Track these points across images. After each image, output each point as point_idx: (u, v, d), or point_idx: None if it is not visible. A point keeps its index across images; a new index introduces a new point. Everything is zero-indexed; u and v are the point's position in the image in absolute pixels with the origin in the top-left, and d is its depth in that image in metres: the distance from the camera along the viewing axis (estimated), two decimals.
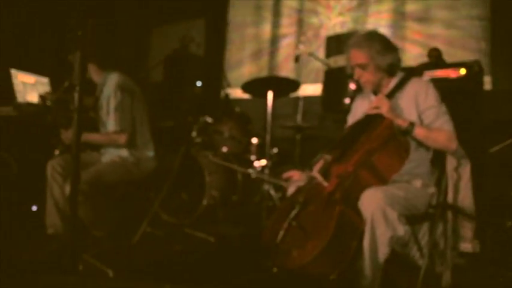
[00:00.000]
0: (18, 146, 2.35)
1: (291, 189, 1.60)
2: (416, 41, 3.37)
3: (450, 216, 1.45)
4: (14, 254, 1.81)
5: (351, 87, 2.56)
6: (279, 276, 1.39)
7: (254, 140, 2.81)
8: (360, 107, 1.72)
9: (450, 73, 2.09)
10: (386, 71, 1.57)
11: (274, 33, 4.11)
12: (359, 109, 1.72)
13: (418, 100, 1.54)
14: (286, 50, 4.02)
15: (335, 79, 2.78)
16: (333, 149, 1.53)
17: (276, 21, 4.10)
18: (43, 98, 2.14)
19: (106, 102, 2.07)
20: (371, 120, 1.52)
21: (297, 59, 2.85)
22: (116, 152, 2.12)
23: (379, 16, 3.54)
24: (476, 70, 2.05)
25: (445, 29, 3.23)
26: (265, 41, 4.15)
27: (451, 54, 3.06)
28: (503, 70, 3.02)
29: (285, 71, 3.94)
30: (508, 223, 1.63)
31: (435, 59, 1.75)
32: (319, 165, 1.55)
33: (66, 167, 1.97)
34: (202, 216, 2.51)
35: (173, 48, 4.07)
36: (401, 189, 1.44)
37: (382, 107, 1.49)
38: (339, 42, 3.35)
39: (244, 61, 4.28)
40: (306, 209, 1.40)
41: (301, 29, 3.92)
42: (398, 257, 1.46)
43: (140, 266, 1.82)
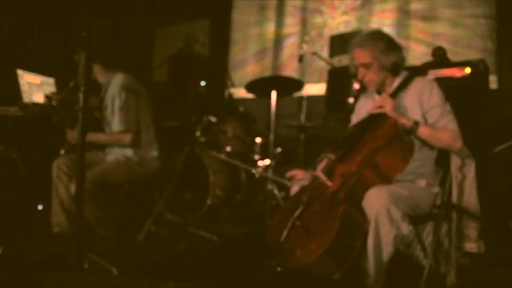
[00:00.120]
0: (24, 145, 2.37)
1: (295, 189, 1.60)
2: (421, 40, 3.34)
3: (454, 216, 1.44)
4: (20, 252, 1.82)
5: (355, 86, 2.56)
6: (282, 275, 1.39)
7: (258, 139, 2.81)
8: (364, 106, 1.72)
9: (455, 72, 2.08)
10: (390, 70, 1.57)
11: (278, 33, 4.10)
12: (363, 108, 1.72)
13: (422, 99, 1.53)
14: (290, 49, 4.01)
15: (339, 78, 2.78)
16: (336, 149, 1.52)
17: (279, 21, 4.10)
18: (49, 98, 2.16)
19: (111, 102, 2.08)
20: (375, 120, 1.51)
21: (301, 59, 2.84)
22: (121, 151, 2.13)
23: (384, 15, 3.52)
24: (481, 69, 2.03)
25: (450, 28, 3.21)
26: (269, 41, 4.15)
27: (456, 53, 3.04)
28: (509, 69, 2.99)
29: (289, 70, 3.94)
30: None
31: (439, 58, 1.73)
32: (322, 165, 1.55)
33: (72, 166, 1.99)
34: (206, 216, 2.51)
35: (177, 48, 4.08)
36: (405, 188, 1.43)
37: (386, 106, 1.48)
38: (342, 42, 3.34)
39: (248, 61, 4.28)
40: (309, 209, 1.39)
41: (305, 29, 3.91)
42: (402, 256, 1.46)
43: (144, 264, 1.83)
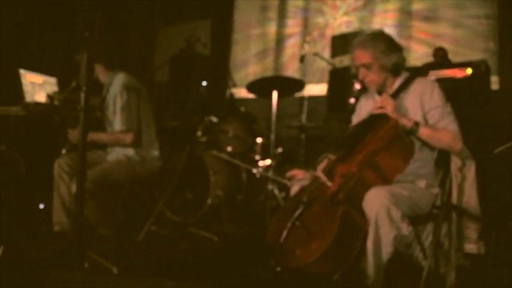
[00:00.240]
0: (26, 144, 2.38)
1: (295, 189, 1.60)
2: (423, 40, 3.33)
3: (454, 217, 1.43)
4: (21, 250, 1.83)
5: (356, 87, 2.56)
6: (282, 275, 1.39)
7: (259, 139, 2.82)
8: (365, 106, 1.72)
9: (456, 73, 2.07)
10: (391, 71, 1.57)
11: (279, 33, 4.10)
12: (363, 109, 1.72)
13: (423, 100, 1.53)
14: (291, 49, 4.01)
15: (340, 79, 2.78)
16: (337, 149, 1.52)
17: (281, 21, 4.10)
18: (51, 97, 2.17)
19: (112, 102, 2.09)
20: (376, 120, 1.51)
21: (302, 59, 2.85)
22: (122, 151, 2.14)
23: (385, 15, 3.52)
24: (482, 70, 2.03)
25: (452, 28, 3.20)
26: (271, 41, 4.15)
27: (458, 53, 3.03)
28: (511, 70, 2.97)
29: (291, 70, 3.94)
30: None
31: (441, 58, 1.73)
32: (323, 165, 1.55)
33: (73, 165, 2.00)
34: (206, 215, 2.52)
35: (179, 48, 4.09)
36: (405, 188, 1.43)
37: (386, 106, 1.48)
38: (344, 42, 3.34)
39: (249, 61, 4.28)
40: (309, 209, 1.39)
41: (306, 29, 3.91)
42: (402, 257, 1.45)
43: (144, 263, 1.84)
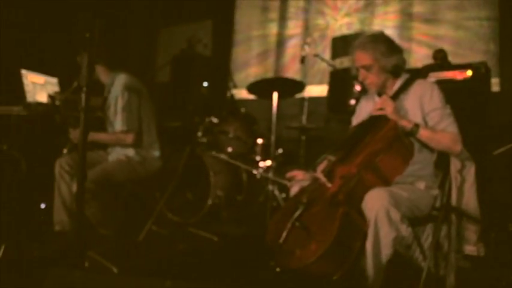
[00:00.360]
0: (28, 144, 2.38)
1: (295, 189, 1.60)
2: (424, 42, 3.33)
3: (454, 218, 1.44)
4: (22, 250, 1.84)
5: (356, 88, 2.57)
6: (281, 275, 1.40)
7: (259, 140, 2.82)
8: (365, 108, 1.72)
9: (456, 74, 2.08)
10: (391, 73, 1.57)
11: (280, 34, 4.11)
12: (363, 110, 1.72)
13: (423, 102, 1.53)
14: (292, 51, 4.01)
15: (341, 80, 2.78)
16: (336, 150, 1.53)
17: (282, 23, 4.10)
18: (52, 97, 2.18)
19: (114, 102, 2.10)
20: (375, 122, 1.52)
21: (303, 60, 2.85)
22: (122, 151, 2.15)
23: (386, 17, 3.52)
24: (482, 71, 2.03)
25: (453, 30, 3.19)
26: (272, 42, 4.15)
27: (458, 55, 3.03)
28: None
29: (291, 72, 3.94)
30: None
31: (440, 60, 1.74)
32: (322, 166, 1.55)
33: (74, 165, 2.01)
34: (206, 216, 2.52)
35: (180, 48, 4.10)
36: (405, 190, 1.44)
37: (386, 108, 1.49)
38: (344, 44, 3.33)
39: (250, 62, 4.28)
40: (309, 210, 1.40)
41: (307, 30, 3.91)
42: (401, 258, 1.46)
43: (145, 263, 1.85)
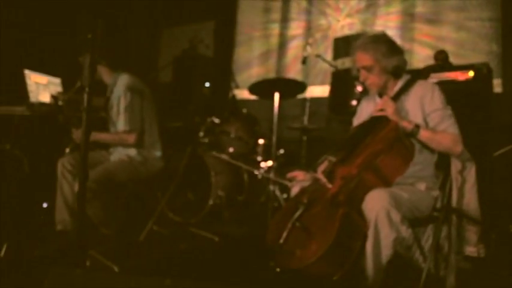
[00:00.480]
0: (30, 144, 2.40)
1: (295, 189, 1.60)
2: (426, 43, 3.32)
3: (454, 219, 1.43)
4: (23, 249, 1.85)
5: (358, 89, 2.57)
6: (281, 276, 1.40)
7: (261, 141, 2.83)
8: (366, 109, 1.73)
9: (458, 75, 2.07)
10: (392, 74, 1.58)
11: (282, 34, 4.11)
12: (364, 111, 1.72)
13: (424, 103, 1.53)
14: (294, 51, 4.02)
15: (342, 81, 2.78)
16: (337, 151, 1.53)
17: (284, 23, 4.11)
18: (55, 98, 2.19)
19: (116, 103, 2.11)
20: (376, 122, 1.52)
21: (304, 61, 2.86)
22: (124, 151, 2.16)
23: (388, 18, 3.51)
24: (484, 72, 2.02)
25: (455, 31, 3.19)
26: (274, 43, 4.15)
27: (461, 56, 3.02)
28: None
29: (293, 72, 3.94)
30: None
31: (442, 61, 1.73)
32: (323, 167, 1.56)
33: (76, 165, 2.02)
34: (207, 216, 2.53)
35: (182, 49, 4.11)
36: (405, 191, 1.44)
37: (387, 109, 1.49)
38: (346, 44, 3.33)
39: (252, 62, 4.29)
40: (309, 210, 1.40)
41: (309, 31, 3.91)
42: (402, 259, 1.45)
43: (145, 263, 1.85)
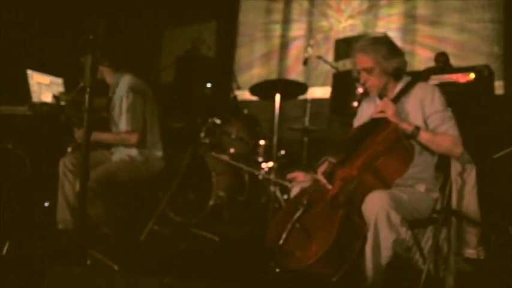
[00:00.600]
0: (33, 143, 2.42)
1: (295, 190, 1.61)
2: (427, 45, 3.33)
3: (454, 221, 1.43)
4: (26, 247, 1.86)
5: (359, 90, 2.57)
6: (281, 276, 1.40)
7: (262, 141, 2.83)
8: (366, 110, 1.73)
9: (459, 77, 2.08)
10: (392, 75, 1.58)
11: (284, 36, 4.12)
12: (365, 112, 1.73)
13: (424, 104, 1.53)
14: (296, 52, 4.03)
15: (344, 82, 2.78)
16: (337, 152, 1.53)
17: (286, 24, 4.12)
18: (57, 98, 2.21)
19: (119, 103, 2.12)
20: (376, 124, 1.52)
21: (305, 62, 2.87)
22: (126, 151, 2.17)
23: (390, 19, 3.52)
24: (485, 74, 2.02)
25: (457, 33, 3.19)
26: (275, 44, 4.17)
27: (463, 58, 3.02)
28: None
29: (295, 73, 3.95)
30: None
31: (442, 63, 1.73)
32: (323, 168, 1.56)
33: (78, 164, 2.03)
34: (208, 216, 2.54)
35: (184, 49, 4.13)
36: (405, 193, 1.44)
37: (387, 111, 1.49)
38: (347, 46, 3.34)
39: (254, 63, 4.30)
40: (309, 211, 1.40)
41: (311, 32, 3.92)
42: (401, 260, 1.46)
43: (146, 262, 1.86)
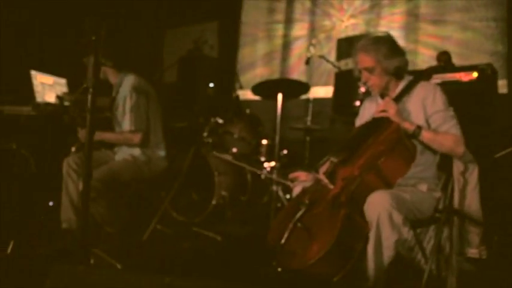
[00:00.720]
0: (37, 143, 2.44)
1: (297, 190, 1.61)
2: (430, 44, 3.31)
3: (456, 221, 1.43)
4: (30, 246, 1.88)
5: (362, 89, 2.56)
6: (283, 275, 1.41)
7: (264, 141, 2.84)
8: (368, 110, 1.73)
9: (462, 76, 2.07)
10: (394, 75, 1.57)
11: (286, 35, 4.12)
12: (367, 112, 1.73)
13: (426, 104, 1.53)
14: (298, 52, 4.02)
15: (346, 81, 2.78)
16: (339, 152, 1.53)
17: (288, 24, 4.11)
18: (60, 98, 2.22)
19: (122, 103, 2.14)
20: (378, 124, 1.52)
21: (308, 62, 2.87)
22: (129, 151, 2.18)
23: (392, 18, 3.50)
24: (488, 73, 2.01)
25: (460, 31, 3.17)
26: (278, 44, 4.16)
27: (466, 56, 3.01)
28: None
29: (297, 73, 3.95)
30: None
31: (444, 63, 1.73)
32: (325, 167, 1.56)
33: (81, 164, 2.04)
34: (211, 216, 2.55)
35: (187, 49, 4.14)
36: (407, 192, 1.43)
37: (389, 110, 1.49)
38: (350, 45, 3.31)
39: (256, 63, 4.30)
40: (311, 211, 1.40)
41: (313, 32, 3.92)
42: (404, 260, 1.45)
43: (148, 261, 1.87)
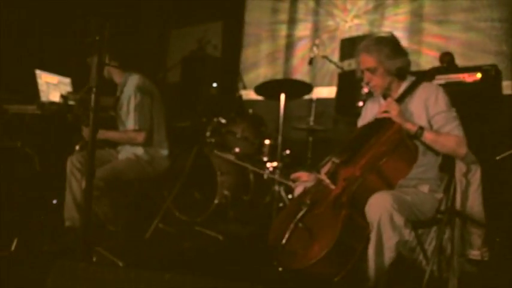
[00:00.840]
0: (41, 142, 2.46)
1: (298, 190, 1.61)
2: (434, 44, 3.29)
3: (458, 222, 1.43)
4: (33, 244, 1.90)
5: (365, 90, 2.56)
6: (283, 275, 1.41)
7: (267, 141, 2.84)
8: (370, 110, 1.73)
9: (466, 77, 2.06)
10: (396, 75, 1.57)
11: (290, 35, 4.12)
12: (369, 112, 1.73)
13: (428, 105, 1.53)
14: (302, 52, 4.02)
15: (349, 82, 2.77)
16: (341, 152, 1.53)
17: (291, 24, 4.11)
18: (64, 97, 2.24)
19: (126, 102, 2.16)
20: (380, 124, 1.52)
21: (311, 62, 2.87)
22: (132, 150, 2.20)
23: (396, 18, 3.49)
24: (492, 74, 2.00)
25: (464, 32, 3.15)
26: (281, 44, 4.16)
27: (470, 57, 2.98)
28: None
29: (300, 73, 3.94)
30: None
31: (447, 63, 1.72)
32: (326, 168, 1.56)
33: (85, 163, 2.06)
34: (213, 215, 2.56)
35: (191, 49, 4.16)
36: (408, 193, 1.43)
37: (391, 111, 1.49)
38: (353, 45, 3.31)
39: (260, 63, 4.30)
40: (312, 211, 1.41)
41: (316, 32, 3.91)
42: (405, 261, 1.45)
43: (150, 260, 1.89)
